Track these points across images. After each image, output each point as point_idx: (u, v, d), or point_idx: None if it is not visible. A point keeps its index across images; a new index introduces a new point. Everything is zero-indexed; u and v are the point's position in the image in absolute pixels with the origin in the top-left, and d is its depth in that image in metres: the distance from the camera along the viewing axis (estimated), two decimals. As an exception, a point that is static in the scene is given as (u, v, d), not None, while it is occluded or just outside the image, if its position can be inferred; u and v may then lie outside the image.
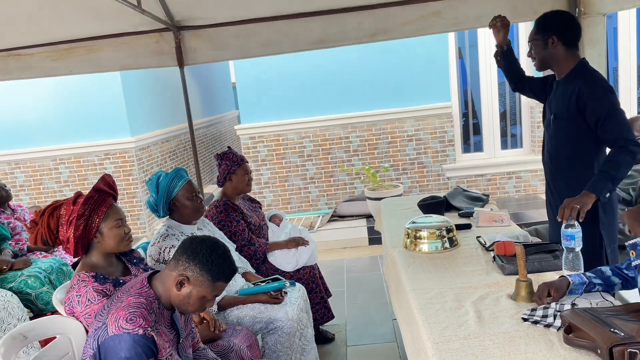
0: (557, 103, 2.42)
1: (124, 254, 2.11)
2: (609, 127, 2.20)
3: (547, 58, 2.40)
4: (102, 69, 3.77)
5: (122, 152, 5.98)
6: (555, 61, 2.40)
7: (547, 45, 2.37)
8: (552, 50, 2.37)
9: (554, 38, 2.35)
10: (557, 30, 2.35)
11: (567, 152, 2.40)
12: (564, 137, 2.40)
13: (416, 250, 2.52)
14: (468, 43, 6.17)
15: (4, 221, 3.78)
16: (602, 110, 2.21)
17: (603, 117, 2.20)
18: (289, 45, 3.61)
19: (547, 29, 2.37)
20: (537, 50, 2.42)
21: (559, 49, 2.36)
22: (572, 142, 2.36)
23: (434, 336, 1.69)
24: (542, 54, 2.41)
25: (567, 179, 2.41)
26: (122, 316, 1.57)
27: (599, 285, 1.85)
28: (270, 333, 2.54)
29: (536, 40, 2.40)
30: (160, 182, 2.50)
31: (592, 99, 2.24)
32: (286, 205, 6.41)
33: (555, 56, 2.38)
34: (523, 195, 6.19)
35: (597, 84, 2.28)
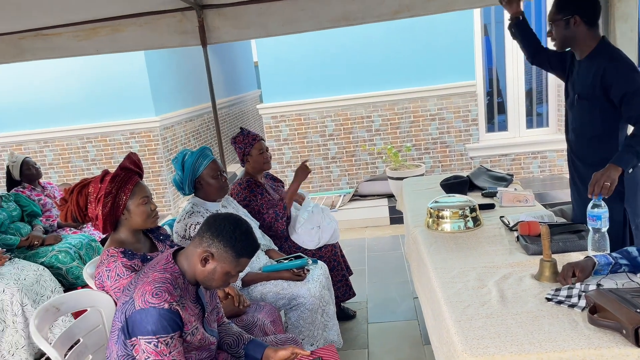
0: (581, 82, 2.38)
1: (150, 230, 2.16)
2: (634, 104, 2.17)
3: (569, 38, 2.35)
4: (127, 48, 3.80)
5: (147, 131, 6.07)
6: (577, 41, 2.35)
7: (568, 25, 2.32)
8: (574, 30, 2.32)
9: (576, 18, 2.29)
10: (579, 9, 2.29)
11: (592, 132, 2.38)
12: (588, 117, 2.37)
13: (438, 229, 2.52)
14: (494, 19, 6.01)
15: (34, 198, 3.90)
16: (628, 87, 2.18)
17: (630, 94, 2.17)
18: (311, 24, 3.58)
19: (568, 8, 2.31)
20: (558, 30, 2.36)
21: (581, 28, 2.31)
22: (597, 122, 2.34)
23: (456, 314, 1.69)
24: (563, 34, 2.35)
25: (592, 158, 2.38)
26: (149, 291, 1.61)
27: (625, 265, 1.82)
28: (293, 309, 2.59)
29: (557, 20, 2.34)
30: (186, 160, 2.53)
31: (618, 76, 2.20)
32: (308, 185, 6.43)
33: (577, 36, 2.33)
34: (548, 175, 6.09)
35: (622, 62, 2.25)
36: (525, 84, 6.10)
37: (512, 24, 2.74)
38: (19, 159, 3.94)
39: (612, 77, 2.21)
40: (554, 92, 6.06)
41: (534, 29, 2.79)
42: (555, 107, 6.09)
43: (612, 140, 2.33)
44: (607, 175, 2.10)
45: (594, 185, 2.09)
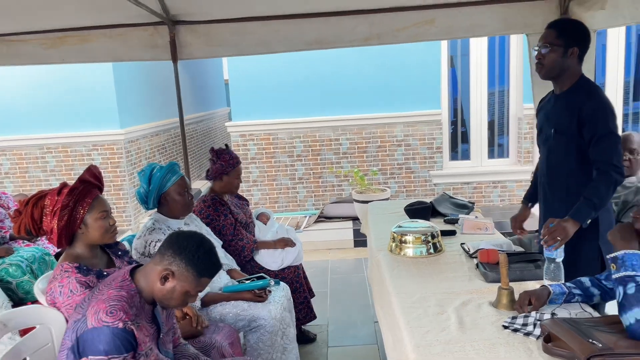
0: (559, 117, 2.32)
1: (108, 246, 2.09)
2: (599, 147, 2.15)
3: (560, 67, 2.25)
4: (95, 59, 3.74)
5: (110, 143, 5.93)
6: (565, 73, 2.27)
7: (566, 54, 2.22)
8: (568, 61, 2.23)
9: (575, 49, 2.21)
10: (580, 42, 2.23)
11: (568, 167, 2.31)
12: (564, 152, 2.30)
13: (401, 254, 2.54)
14: (460, 52, 6.22)
15: (-14, 209, 3.74)
16: (599, 129, 2.14)
17: (597, 136, 2.14)
18: (284, 45, 3.62)
19: (571, 38, 2.22)
20: (553, 56, 2.23)
21: (574, 61, 2.24)
22: (574, 157, 2.27)
23: (415, 340, 1.70)
24: (557, 62, 2.24)
25: (567, 192, 2.32)
26: (103, 309, 1.56)
27: (578, 295, 1.88)
28: (252, 331, 2.54)
29: (557, 45, 2.22)
30: (154, 174, 2.49)
31: (593, 116, 2.16)
32: (273, 204, 6.40)
33: (568, 67, 2.25)
34: (507, 205, 6.26)
35: (600, 101, 2.20)
36: (488, 115, 6.30)
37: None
38: None
39: (587, 115, 2.17)
40: (514, 124, 6.28)
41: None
42: (515, 139, 6.30)
43: (588, 176, 2.23)
44: (564, 230, 2.06)
45: (547, 235, 2.06)
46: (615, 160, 2.12)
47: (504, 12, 3.43)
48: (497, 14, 3.44)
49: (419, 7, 3.43)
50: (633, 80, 6.29)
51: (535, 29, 3.42)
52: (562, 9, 3.32)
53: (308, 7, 3.44)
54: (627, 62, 6.12)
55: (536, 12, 3.38)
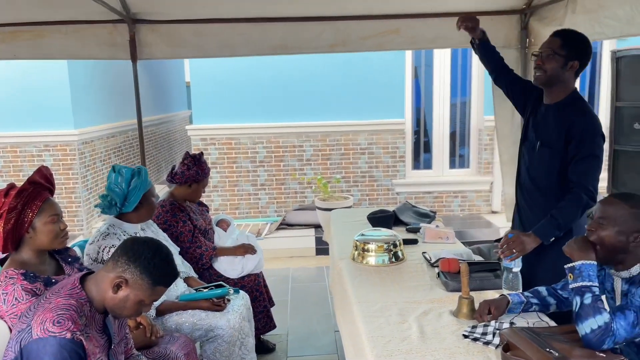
0: (547, 129, 2.26)
1: (58, 251, 1.99)
2: (579, 167, 2.11)
3: (558, 78, 2.19)
4: (49, 56, 3.59)
5: (63, 144, 5.69)
6: (560, 84, 2.21)
7: (566, 65, 2.16)
8: (567, 73, 2.18)
9: (575, 63, 2.16)
10: (582, 57, 2.18)
11: (549, 181, 2.27)
12: (546, 165, 2.26)
13: (363, 262, 2.53)
14: (424, 63, 6.32)
15: None
16: (583, 149, 2.10)
17: (580, 156, 2.10)
18: (248, 49, 3.58)
19: (575, 50, 2.16)
20: (553, 65, 2.17)
21: (571, 74, 2.19)
22: (556, 172, 2.22)
23: (377, 350, 1.68)
24: (556, 72, 2.18)
25: (543, 205, 2.26)
26: (49, 318, 1.48)
27: (535, 305, 1.91)
28: (209, 341, 2.47)
29: (559, 54, 2.16)
30: (135, 174, 2.42)
31: (580, 135, 2.12)
32: (234, 211, 6.30)
33: (565, 79, 2.20)
34: (467, 214, 6.38)
35: (591, 122, 2.15)
36: (450, 126, 6.42)
37: (474, 42, 2.64)
38: None
39: (576, 132, 2.12)
40: (475, 135, 6.42)
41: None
42: (476, 150, 6.44)
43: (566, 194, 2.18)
44: (522, 244, 2.06)
45: (505, 246, 2.07)
46: (590, 184, 2.08)
47: (467, 25, 3.50)
48: (460, 26, 3.51)
49: (384, 16, 3.47)
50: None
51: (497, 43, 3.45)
52: (523, 23, 3.43)
53: (274, 11, 3.42)
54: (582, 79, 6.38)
55: (498, 27, 3.48)
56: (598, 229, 1.68)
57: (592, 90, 6.49)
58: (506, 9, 3.46)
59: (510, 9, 3.46)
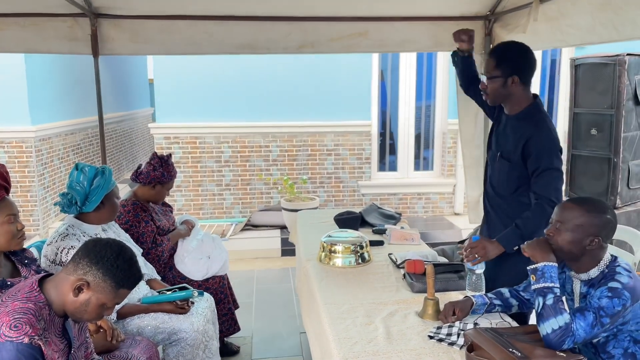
0: (505, 141, 2.30)
1: (14, 253, 1.91)
2: (540, 180, 2.14)
3: (504, 95, 2.25)
4: (5, 49, 3.43)
5: (19, 141, 5.47)
6: (511, 99, 2.25)
7: (506, 83, 2.21)
8: (510, 89, 2.21)
9: (514, 78, 2.19)
10: (519, 70, 2.20)
11: (508, 190, 2.31)
12: (506, 176, 2.30)
13: (330, 264, 2.53)
14: (390, 66, 6.39)
15: None
16: (542, 163, 2.14)
17: (540, 170, 2.14)
18: (214, 47, 3.52)
19: (509, 67, 2.20)
20: (493, 86, 2.24)
21: (517, 88, 2.22)
22: (514, 182, 2.27)
23: (343, 352, 1.69)
24: (498, 92, 2.24)
25: (505, 214, 2.33)
26: (6, 322, 1.42)
27: (498, 306, 1.96)
28: (172, 344, 2.42)
29: (495, 77, 2.22)
30: (98, 173, 2.36)
31: (538, 148, 2.15)
32: (198, 211, 6.20)
33: (512, 94, 2.23)
34: (431, 216, 6.48)
35: (546, 134, 2.18)
36: (415, 128, 6.52)
37: (457, 55, 2.69)
38: None
39: (533, 147, 2.15)
40: (439, 138, 6.53)
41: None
42: (440, 153, 6.56)
43: (524, 204, 2.25)
44: (484, 250, 2.11)
45: (469, 250, 2.11)
46: (553, 195, 2.11)
47: (433, 30, 3.57)
48: (427, 30, 3.57)
49: (353, 18, 3.49)
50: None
51: (462, 48, 3.58)
52: (487, 29, 3.51)
53: (241, 10, 3.38)
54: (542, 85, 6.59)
55: (463, 32, 3.54)
56: (555, 233, 1.73)
57: (552, 96, 6.70)
58: (471, 14, 3.53)
59: (475, 15, 3.53)
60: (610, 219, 1.69)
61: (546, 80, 6.65)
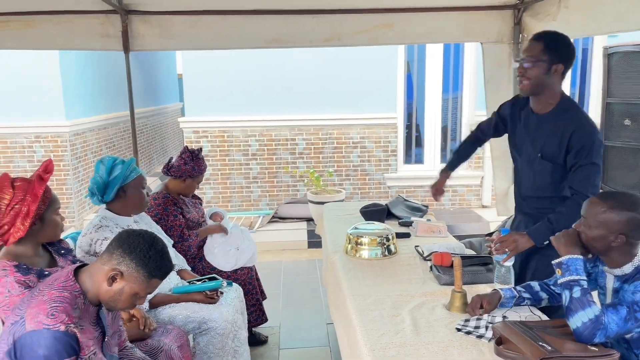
0: (545, 141, 2.19)
1: (51, 243, 1.97)
2: (578, 175, 2.08)
3: (543, 84, 2.13)
4: (39, 46, 3.54)
5: (54, 136, 5.64)
6: (547, 90, 2.15)
7: (549, 70, 2.09)
8: (551, 78, 2.11)
9: (559, 66, 2.09)
10: (566, 59, 2.10)
11: (553, 191, 2.22)
12: (549, 179, 2.21)
13: (356, 256, 2.54)
14: (417, 57, 6.33)
15: None
16: (583, 157, 2.06)
17: (579, 164, 2.07)
18: (242, 42, 3.55)
19: (557, 54, 2.09)
20: (536, 71, 2.10)
21: (557, 78, 2.12)
22: (558, 184, 2.19)
23: (371, 343, 1.70)
24: (540, 79, 2.11)
25: (549, 212, 2.18)
26: (43, 311, 1.46)
27: (527, 299, 1.93)
28: (202, 333, 2.47)
29: (541, 60, 2.09)
30: (116, 165, 2.39)
31: (580, 144, 2.07)
32: (226, 203, 6.29)
33: (551, 85, 2.13)
34: (458, 209, 6.42)
35: (589, 130, 2.09)
36: (442, 120, 6.44)
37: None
38: None
39: (575, 141, 2.07)
40: (466, 130, 6.43)
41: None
42: (467, 145, 6.46)
43: None
44: (514, 243, 2.07)
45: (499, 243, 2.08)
46: (590, 191, 2.04)
47: (461, 20, 3.51)
48: (454, 21, 3.52)
49: (379, 10, 3.47)
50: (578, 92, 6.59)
51: (490, 38, 3.53)
52: (516, 19, 3.44)
53: (269, 4, 3.40)
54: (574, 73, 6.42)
55: (491, 22, 3.49)
56: (583, 228, 1.70)
57: (583, 86, 6.53)
58: (499, 4, 3.46)
59: (504, 4, 3.46)
60: (636, 216, 1.61)
61: (577, 70, 6.48)
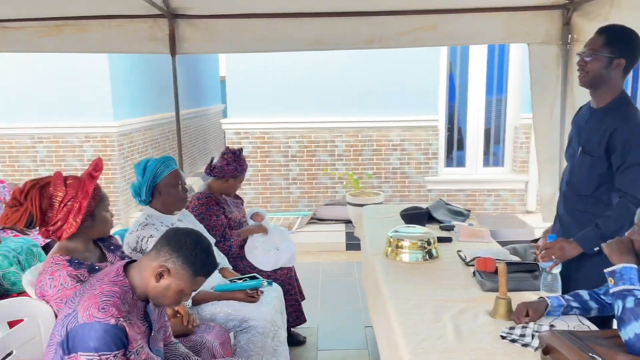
0: (589, 136, 2.14)
1: (101, 239, 2.05)
2: (625, 177, 2.01)
3: (603, 78, 2.07)
4: (91, 49, 3.68)
5: (103, 136, 5.86)
6: (606, 85, 2.08)
7: (610, 65, 2.03)
8: (611, 72, 2.05)
9: (621, 61, 2.02)
10: (629, 55, 2.03)
11: (589, 189, 2.16)
12: (586, 174, 2.15)
13: (397, 259, 2.52)
14: (460, 58, 6.22)
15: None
16: (630, 157, 1.99)
17: (626, 165, 2.00)
18: (284, 44, 3.59)
19: (619, 48, 2.02)
20: (596, 64, 2.05)
21: (618, 73, 2.06)
22: (595, 180, 2.13)
23: (412, 347, 1.68)
24: (600, 72, 2.05)
25: (583, 213, 2.18)
26: (94, 304, 1.52)
27: (576, 308, 1.87)
28: (243, 332, 2.51)
29: (602, 54, 2.03)
30: (148, 165, 2.46)
31: (625, 142, 2.00)
32: (266, 204, 6.36)
33: (611, 79, 2.07)
34: (500, 214, 6.27)
35: (635, 128, 2.02)
36: (485, 123, 6.31)
37: None
38: None
39: (619, 140, 2.01)
40: (511, 133, 6.29)
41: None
42: (511, 148, 6.32)
43: (606, 203, 2.12)
44: (561, 250, 2.02)
45: (544, 250, 2.03)
46: (639, 194, 1.97)
47: (506, 21, 3.43)
48: (499, 22, 3.44)
49: (421, 11, 3.43)
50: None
51: (537, 39, 3.43)
52: (565, 19, 3.33)
53: (310, 7, 3.42)
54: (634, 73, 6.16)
55: (539, 22, 3.39)
56: (637, 237, 1.63)
57: (635, 86, 6.26)
58: (547, 3, 3.36)
59: (552, 4, 3.36)
60: None
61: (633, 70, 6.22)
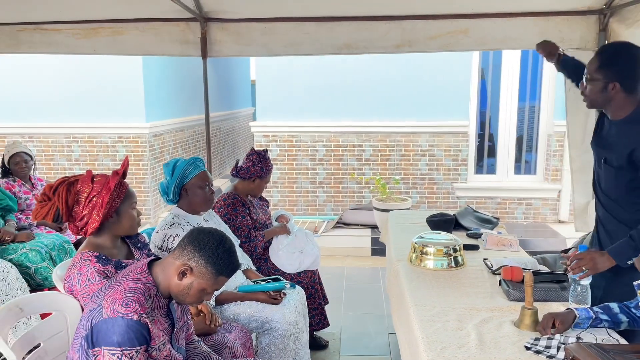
0: (610, 147, 2.12)
1: (129, 237, 2.09)
2: None
3: (602, 100, 2.08)
4: (126, 51, 3.77)
5: (135, 136, 6.00)
6: (611, 105, 2.08)
7: (606, 89, 2.04)
8: (610, 95, 2.04)
9: (615, 84, 2.02)
10: (622, 78, 2.02)
11: (617, 195, 2.14)
12: (614, 182, 2.13)
13: (421, 265, 2.49)
14: (492, 64, 6.13)
15: (21, 195, 3.78)
16: None
17: None
18: (314, 48, 3.61)
19: (611, 73, 2.02)
20: (592, 89, 2.08)
21: (618, 95, 2.04)
22: (624, 187, 2.09)
23: (432, 355, 1.65)
24: (596, 96, 2.08)
25: (623, 215, 2.14)
26: (118, 300, 1.54)
27: (605, 321, 1.81)
28: (265, 333, 2.51)
29: (595, 79, 2.06)
30: (177, 165, 2.51)
31: None
32: (292, 207, 6.38)
33: (612, 101, 2.06)
34: (531, 223, 6.13)
35: None
36: (517, 130, 6.19)
37: (554, 61, 2.64)
38: (13, 150, 3.83)
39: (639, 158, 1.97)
40: (544, 141, 6.15)
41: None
42: (544, 156, 6.17)
43: (637, 209, 2.08)
44: (593, 262, 1.96)
45: (574, 261, 1.98)
46: None
47: (540, 26, 3.36)
48: (532, 27, 3.38)
49: (452, 15, 3.39)
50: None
51: (572, 44, 3.35)
52: (602, 25, 3.24)
53: (340, 11, 3.43)
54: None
55: (574, 27, 3.31)
56: None
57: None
58: (583, 8, 3.28)
59: (588, 9, 3.28)
60: None
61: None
